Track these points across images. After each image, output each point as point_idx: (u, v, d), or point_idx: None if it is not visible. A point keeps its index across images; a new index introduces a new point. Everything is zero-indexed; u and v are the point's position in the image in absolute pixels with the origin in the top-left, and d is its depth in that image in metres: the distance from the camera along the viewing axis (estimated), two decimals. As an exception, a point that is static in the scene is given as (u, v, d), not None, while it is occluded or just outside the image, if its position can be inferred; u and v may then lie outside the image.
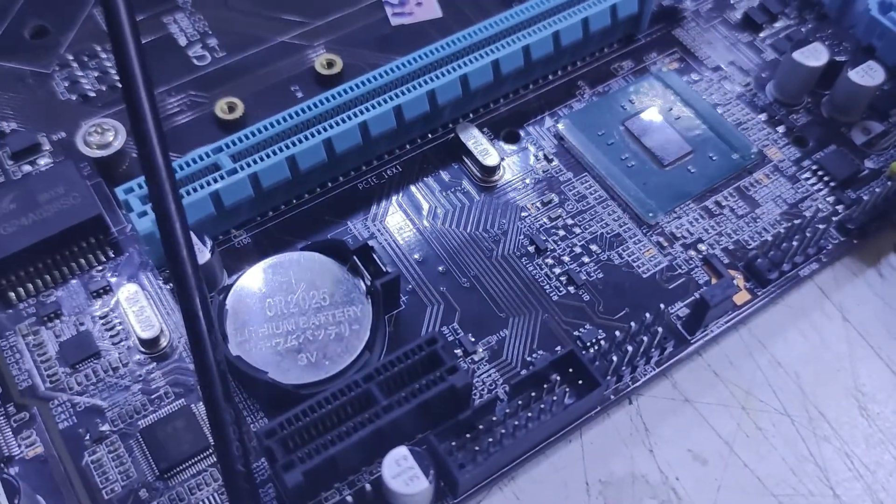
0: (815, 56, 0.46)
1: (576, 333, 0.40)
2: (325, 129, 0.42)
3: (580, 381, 0.37)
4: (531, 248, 0.42)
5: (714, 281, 0.42)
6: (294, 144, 0.41)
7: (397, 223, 0.43)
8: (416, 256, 0.42)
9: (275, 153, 0.41)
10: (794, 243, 0.41)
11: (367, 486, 0.35)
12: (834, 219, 0.43)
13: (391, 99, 0.43)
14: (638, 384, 0.39)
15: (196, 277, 0.30)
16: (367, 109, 0.42)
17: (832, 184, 0.45)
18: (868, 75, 0.46)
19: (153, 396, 0.38)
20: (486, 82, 0.45)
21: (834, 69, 0.47)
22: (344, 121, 0.42)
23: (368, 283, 0.39)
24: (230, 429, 0.31)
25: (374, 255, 0.39)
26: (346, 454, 0.34)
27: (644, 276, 0.42)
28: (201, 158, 0.41)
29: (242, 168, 0.40)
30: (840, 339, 0.42)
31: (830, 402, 0.40)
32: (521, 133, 0.47)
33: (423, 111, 0.43)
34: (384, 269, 0.39)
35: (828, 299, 0.43)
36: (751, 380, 0.41)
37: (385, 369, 0.35)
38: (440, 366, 0.36)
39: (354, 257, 0.39)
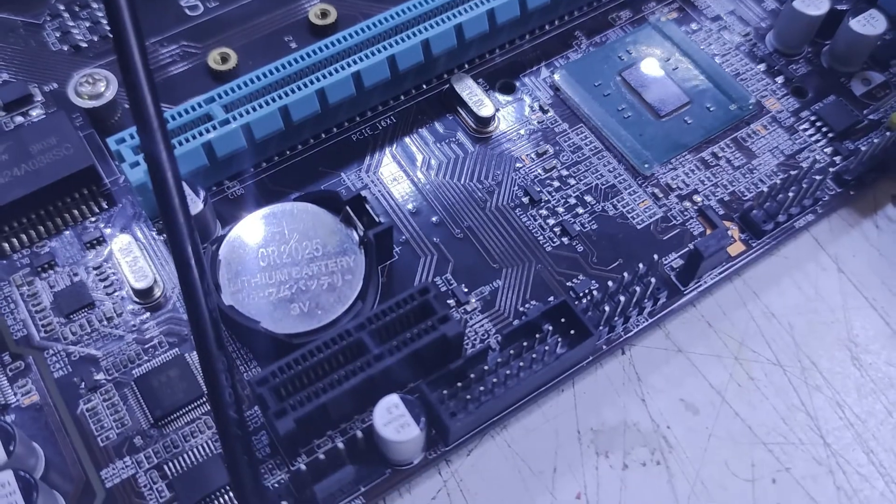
0: (815, 4, 0.46)
1: (569, 284, 0.40)
2: (318, 80, 0.41)
3: (572, 332, 0.37)
4: (525, 200, 0.42)
5: (709, 232, 0.42)
6: (287, 94, 0.41)
7: (391, 174, 0.43)
8: (410, 207, 0.42)
9: (267, 103, 0.41)
10: (790, 194, 0.41)
11: (359, 434, 0.35)
12: (831, 170, 0.43)
13: (385, 49, 0.42)
14: (631, 334, 0.39)
15: (188, 226, 0.30)
16: (361, 59, 0.42)
17: (830, 135, 0.45)
18: (870, 24, 0.45)
19: (147, 346, 0.38)
20: (481, 32, 0.44)
21: (835, 18, 0.46)
22: (337, 70, 0.42)
23: (361, 233, 0.39)
24: (222, 376, 0.31)
25: (368, 206, 0.39)
26: (338, 402, 0.34)
27: (638, 227, 0.42)
28: (193, 109, 0.40)
29: (235, 118, 0.40)
30: (834, 290, 0.42)
31: (823, 353, 0.40)
32: (517, 84, 0.46)
33: (418, 61, 0.43)
34: (377, 220, 0.39)
35: (823, 251, 0.43)
36: (744, 330, 0.41)
37: (377, 318, 0.35)
38: (432, 315, 0.36)
39: (348, 208, 0.39)
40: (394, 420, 0.34)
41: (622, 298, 0.37)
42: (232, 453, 0.32)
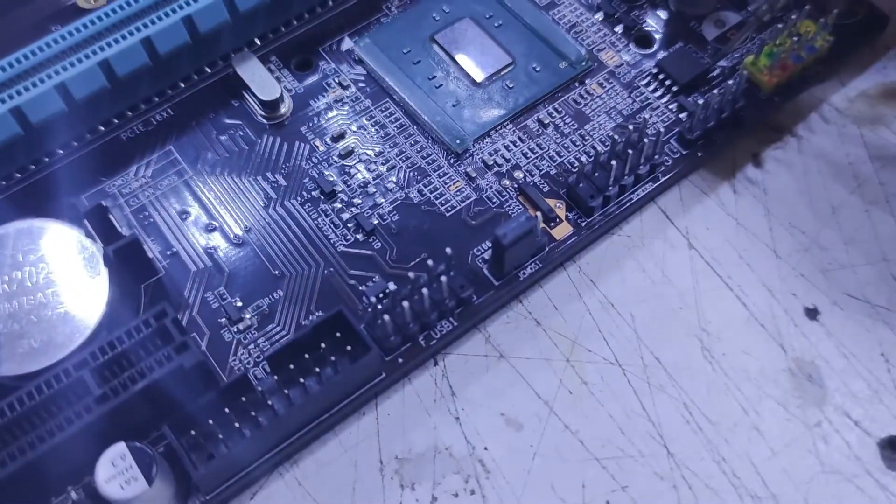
0: (651, -61, 0.39)
1: (361, 289, 0.34)
2: (57, 73, 0.35)
3: (349, 347, 0.31)
4: (316, 193, 0.36)
5: (533, 214, 0.36)
6: (20, 93, 0.35)
7: (167, 176, 0.37)
8: (186, 211, 0.36)
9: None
10: (613, 163, 0.34)
11: (73, 495, 0.29)
12: (663, 128, 0.37)
13: (139, 30, 0.36)
14: (434, 342, 0.33)
15: None
16: (110, 45, 0.36)
17: (675, 88, 0.38)
18: (713, -44, 0.39)
19: None
20: (259, 2, 0.38)
21: (678, -48, 0.40)
22: (80, 61, 0.35)
23: (101, 250, 0.33)
24: None
25: (111, 217, 0.33)
26: (57, 457, 0.29)
27: (447, 214, 0.36)
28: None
29: (-43, 125, 0.34)
30: (684, 270, 0.36)
31: (669, 346, 0.34)
32: (316, 59, 0.40)
33: (183, 41, 0.37)
34: (120, 233, 0.33)
35: (672, 224, 0.37)
36: (578, 327, 0.35)
37: (103, 352, 0.30)
38: (170, 343, 0.30)
39: (86, 221, 0.33)
40: (119, 474, 0.28)
41: (406, 305, 0.31)
42: None
